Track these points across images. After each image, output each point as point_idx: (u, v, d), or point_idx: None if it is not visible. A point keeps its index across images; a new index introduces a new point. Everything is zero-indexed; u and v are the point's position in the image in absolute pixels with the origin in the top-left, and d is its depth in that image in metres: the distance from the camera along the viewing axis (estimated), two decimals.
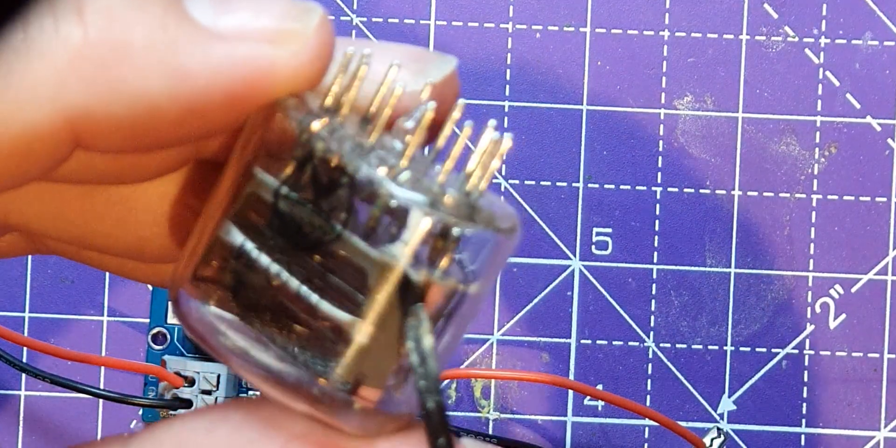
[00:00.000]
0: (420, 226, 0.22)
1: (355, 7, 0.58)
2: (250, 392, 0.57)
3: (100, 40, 0.23)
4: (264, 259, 0.23)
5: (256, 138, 0.24)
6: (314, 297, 0.23)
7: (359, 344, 0.22)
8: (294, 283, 0.23)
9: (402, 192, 0.22)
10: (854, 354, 0.57)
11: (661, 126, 0.58)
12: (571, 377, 0.57)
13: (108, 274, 0.58)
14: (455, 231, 0.22)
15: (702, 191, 0.58)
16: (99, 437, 0.57)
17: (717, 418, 0.57)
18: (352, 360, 0.22)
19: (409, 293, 0.22)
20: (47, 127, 0.23)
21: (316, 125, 0.23)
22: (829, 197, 0.58)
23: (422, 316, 0.22)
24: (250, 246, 0.23)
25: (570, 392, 0.57)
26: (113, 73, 0.23)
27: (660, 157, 0.58)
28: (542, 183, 0.58)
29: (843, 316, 0.57)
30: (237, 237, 0.24)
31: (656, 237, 0.58)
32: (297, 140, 0.23)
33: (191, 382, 0.55)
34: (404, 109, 0.24)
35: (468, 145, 0.24)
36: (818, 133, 0.58)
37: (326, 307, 0.23)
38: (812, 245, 0.58)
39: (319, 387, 0.23)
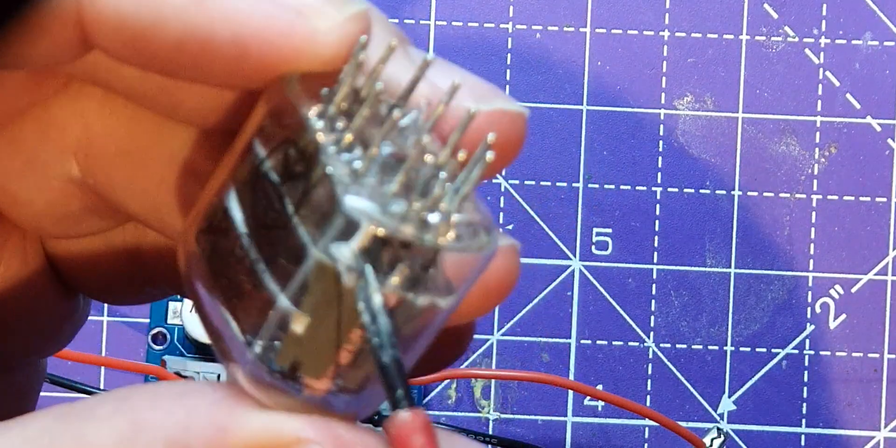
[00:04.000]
0: (361, 236, 0.22)
1: None
2: None
3: None
4: (239, 229, 0.24)
5: (264, 111, 0.24)
6: (266, 276, 0.23)
7: (294, 333, 0.22)
8: (253, 256, 0.23)
9: (350, 200, 0.22)
10: (854, 354, 0.57)
11: (661, 126, 0.58)
12: (571, 377, 0.57)
13: None
14: (403, 243, 0.22)
15: (702, 191, 0.58)
16: None
17: (717, 418, 0.57)
18: (287, 346, 0.23)
19: (342, 296, 0.22)
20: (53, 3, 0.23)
21: (308, 111, 0.23)
22: (829, 197, 0.58)
23: (370, 276, 0.22)
24: (233, 214, 0.24)
25: (570, 392, 0.57)
26: None
27: (660, 157, 0.58)
28: (542, 183, 0.58)
29: (843, 316, 0.58)
30: (225, 204, 0.24)
31: (656, 237, 0.58)
32: (291, 121, 0.23)
33: None
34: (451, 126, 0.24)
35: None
36: (818, 133, 0.58)
37: (273, 288, 0.23)
38: (812, 245, 0.58)
39: (253, 364, 0.23)
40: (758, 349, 0.57)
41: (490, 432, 0.57)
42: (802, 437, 0.57)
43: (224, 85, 0.25)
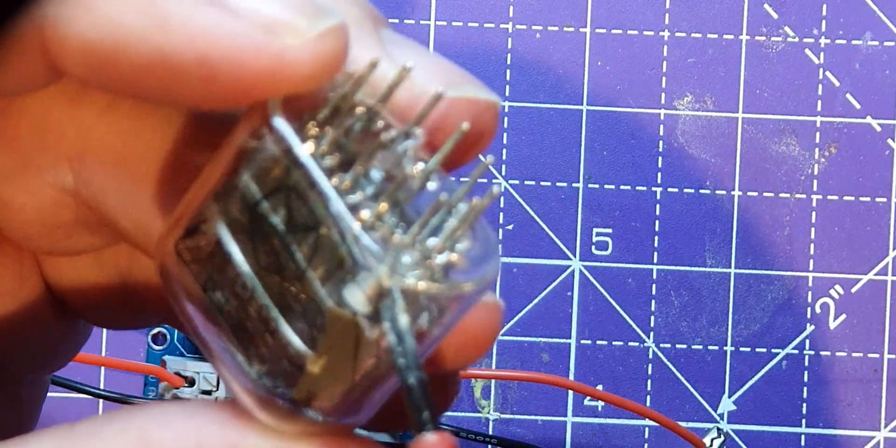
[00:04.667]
0: (373, 289, 0.22)
1: None
2: None
3: None
4: (240, 267, 0.23)
5: (247, 133, 0.23)
6: (276, 314, 0.23)
7: (310, 373, 0.23)
8: (261, 300, 0.23)
9: (365, 259, 0.22)
10: (854, 355, 0.57)
11: (661, 126, 0.58)
12: (571, 377, 0.57)
13: None
14: (414, 294, 0.22)
15: (702, 191, 0.58)
16: None
17: (717, 418, 0.57)
18: (303, 382, 0.23)
19: (359, 338, 0.22)
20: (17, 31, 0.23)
21: (301, 150, 0.22)
22: (829, 197, 0.58)
23: (397, 296, 0.22)
24: (230, 250, 0.23)
25: (570, 392, 0.57)
26: None
27: (660, 157, 0.58)
28: (542, 183, 0.58)
29: (843, 316, 0.57)
30: (217, 233, 0.24)
31: (656, 237, 0.58)
32: (280, 158, 0.23)
33: (191, 382, 0.55)
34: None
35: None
36: (818, 133, 0.58)
37: (286, 330, 0.23)
38: (812, 245, 0.58)
39: (264, 392, 0.23)
40: (758, 349, 0.57)
41: (490, 432, 0.57)
42: (802, 437, 0.57)
43: (198, 107, 0.24)
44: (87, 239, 0.28)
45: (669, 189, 0.58)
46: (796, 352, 0.57)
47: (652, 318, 0.57)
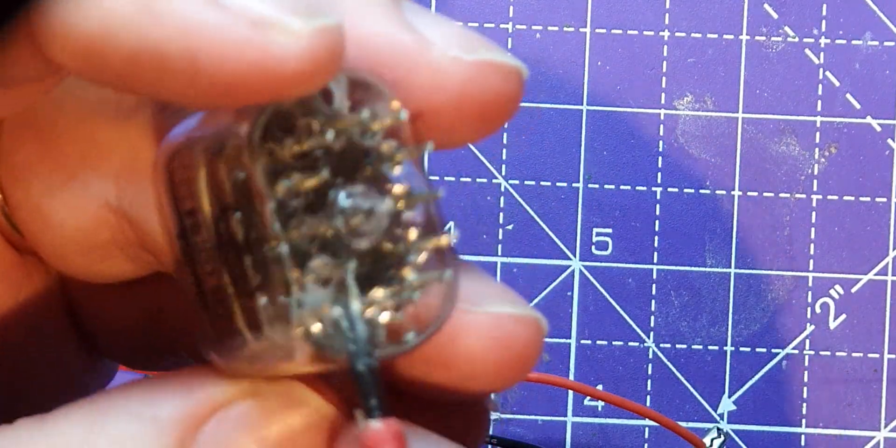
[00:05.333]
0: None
1: None
2: None
3: None
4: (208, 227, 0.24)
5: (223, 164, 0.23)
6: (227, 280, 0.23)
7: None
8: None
9: (319, 336, 0.23)
10: (854, 354, 0.57)
11: (661, 126, 0.58)
12: (571, 377, 0.57)
13: None
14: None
15: (702, 191, 0.58)
16: None
17: (717, 418, 0.57)
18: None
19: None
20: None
21: (270, 205, 0.22)
22: (829, 197, 0.58)
23: (350, 283, 0.22)
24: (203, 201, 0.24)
25: (570, 392, 0.57)
26: None
27: (660, 157, 0.58)
28: (542, 183, 0.58)
29: (843, 316, 0.57)
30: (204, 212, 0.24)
31: (656, 237, 0.58)
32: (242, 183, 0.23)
33: None
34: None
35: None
36: (818, 133, 0.58)
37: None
38: (812, 245, 0.58)
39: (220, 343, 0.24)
40: (758, 349, 0.57)
41: (490, 432, 0.57)
42: (802, 437, 0.57)
43: (184, 102, 0.23)
44: (122, 265, 0.28)
45: (669, 189, 0.58)
46: (796, 352, 0.57)
47: (652, 318, 0.57)
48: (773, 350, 0.57)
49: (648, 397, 0.57)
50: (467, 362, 0.24)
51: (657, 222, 0.58)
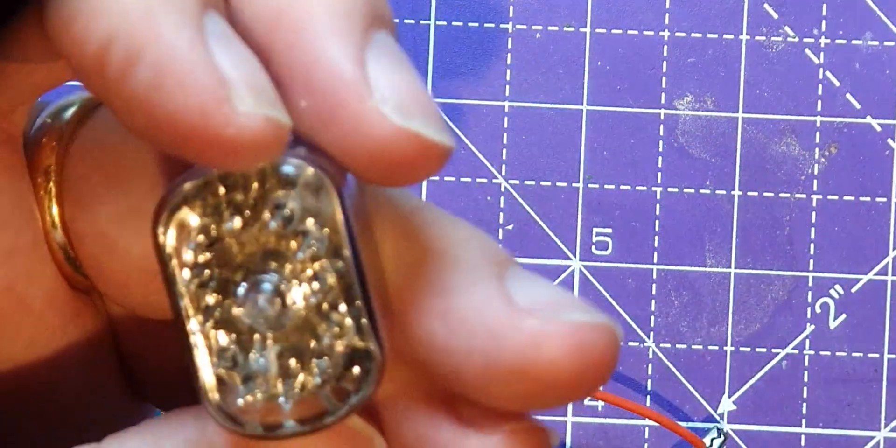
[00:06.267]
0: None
1: None
2: None
3: None
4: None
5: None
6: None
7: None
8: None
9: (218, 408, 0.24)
10: (854, 354, 0.57)
11: (661, 126, 0.58)
12: None
13: None
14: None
15: (702, 191, 0.58)
16: None
17: (717, 418, 0.57)
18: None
19: None
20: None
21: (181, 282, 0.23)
22: (829, 197, 0.58)
23: (258, 366, 0.24)
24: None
25: None
26: None
27: (660, 157, 0.58)
28: (542, 183, 0.58)
29: (843, 316, 0.58)
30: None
31: (656, 237, 0.58)
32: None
33: None
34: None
35: None
36: (818, 133, 0.58)
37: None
38: (812, 245, 0.58)
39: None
40: (758, 349, 0.57)
41: None
42: (802, 437, 0.57)
43: (155, 144, 0.23)
44: None
45: (669, 189, 0.58)
46: (796, 352, 0.57)
47: (652, 317, 0.57)
48: (773, 350, 0.57)
49: (648, 397, 0.57)
50: (549, 372, 0.24)
51: (657, 222, 0.58)
